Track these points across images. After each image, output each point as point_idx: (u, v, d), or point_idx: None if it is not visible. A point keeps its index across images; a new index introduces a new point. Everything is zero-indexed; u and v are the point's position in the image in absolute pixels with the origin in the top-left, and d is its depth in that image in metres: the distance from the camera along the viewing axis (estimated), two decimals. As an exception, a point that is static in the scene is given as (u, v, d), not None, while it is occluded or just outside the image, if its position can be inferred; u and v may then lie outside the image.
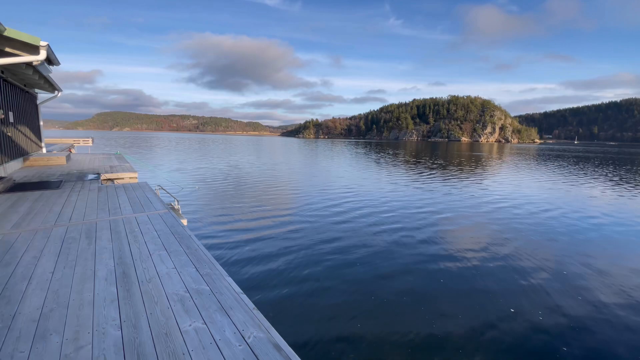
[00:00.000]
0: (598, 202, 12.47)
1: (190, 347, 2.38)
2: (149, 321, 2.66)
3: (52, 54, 7.86)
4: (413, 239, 7.54)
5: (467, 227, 8.85)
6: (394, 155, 41.32)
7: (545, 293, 5.10)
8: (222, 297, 3.07)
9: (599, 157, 45.37)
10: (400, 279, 5.54)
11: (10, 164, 9.10)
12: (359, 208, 10.59)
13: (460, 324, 4.21)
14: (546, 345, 3.84)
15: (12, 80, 9.92)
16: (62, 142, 20.14)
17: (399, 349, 3.71)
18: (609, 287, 5.37)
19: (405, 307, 4.54)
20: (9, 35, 6.46)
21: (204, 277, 3.41)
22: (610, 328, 4.20)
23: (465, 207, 11.25)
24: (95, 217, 4.72)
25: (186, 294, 3.10)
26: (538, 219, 9.56)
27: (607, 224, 9.25)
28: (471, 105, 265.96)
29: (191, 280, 3.28)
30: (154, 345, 2.40)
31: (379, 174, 20.57)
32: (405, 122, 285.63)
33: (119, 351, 2.31)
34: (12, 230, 4.09)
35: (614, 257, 6.72)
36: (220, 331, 2.57)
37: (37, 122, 13.82)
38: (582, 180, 18.95)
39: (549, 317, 4.43)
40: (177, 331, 2.55)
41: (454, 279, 5.52)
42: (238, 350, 2.35)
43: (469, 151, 59.32)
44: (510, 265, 6.18)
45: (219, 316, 2.77)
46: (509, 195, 13.51)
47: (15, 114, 10.28)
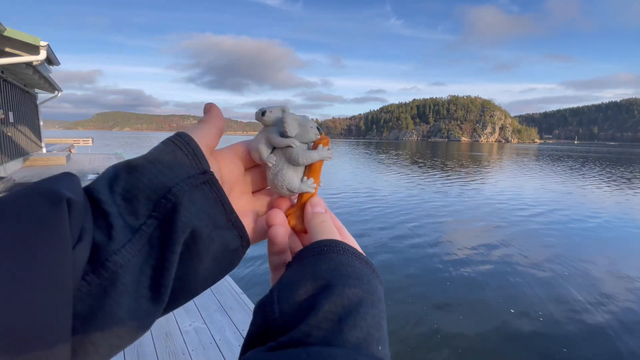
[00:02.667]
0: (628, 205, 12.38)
1: (190, 347, 2.38)
2: (149, 321, 2.66)
3: (52, 54, 7.87)
4: (429, 242, 7.55)
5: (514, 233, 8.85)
6: (398, 155, 41.34)
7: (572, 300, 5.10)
8: (222, 297, 3.07)
9: (606, 158, 45.30)
10: (402, 278, 5.54)
11: (10, 164, 9.11)
12: (367, 210, 10.60)
13: (463, 324, 4.22)
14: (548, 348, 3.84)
15: (12, 80, 9.92)
16: (62, 142, 20.17)
17: (399, 349, 3.71)
18: (620, 288, 5.38)
19: (407, 307, 4.54)
20: (9, 35, 6.46)
21: (204, 277, 3.41)
22: (612, 329, 4.20)
23: (486, 212, 11.25)
24: (95, 217, 4.72)
25: (186, 294, 3.10)
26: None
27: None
28: (471, 105, 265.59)
29: (191, 280, 3.28)
30: (154, 345, 2.40)
31: (395, 176, 20.57)
32: (405, 122, 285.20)
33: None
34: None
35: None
36: (221, 331, 2.57)
37: (37, 122, 13.84)
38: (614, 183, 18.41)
39: (570, 321, 4.43)
40: (177, 331, 2.56)
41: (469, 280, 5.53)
42: (238, 351, 2.35)
43: (469, 151, 59.39)
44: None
45: (219, 316, 2.78)
46: (533, 200, 13.37)
47: (15, 114, 10.29)
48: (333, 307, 0.23)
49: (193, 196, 0.26)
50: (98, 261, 0.20)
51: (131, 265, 0.22)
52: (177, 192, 0.25)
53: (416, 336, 3.89)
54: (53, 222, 0.18)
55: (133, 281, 0.21)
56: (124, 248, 0.21)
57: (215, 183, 0.28)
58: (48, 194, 0.19)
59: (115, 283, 0.20)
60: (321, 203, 0.34)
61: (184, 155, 0.27)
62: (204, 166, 0.28)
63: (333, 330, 0.22)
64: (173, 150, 0.27)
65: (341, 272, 0.26)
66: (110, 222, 0.22)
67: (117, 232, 0.22)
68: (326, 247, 0.28)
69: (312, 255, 0.28)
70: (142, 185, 0.24)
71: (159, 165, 0.26)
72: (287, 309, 0.24)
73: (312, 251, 0.28)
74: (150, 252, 0.23)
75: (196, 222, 0.25)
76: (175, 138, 0.28)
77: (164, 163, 0.26)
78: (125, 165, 0.26)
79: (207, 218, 0.26)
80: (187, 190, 0.25)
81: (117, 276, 0.21)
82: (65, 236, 0.19)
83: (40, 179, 0.18)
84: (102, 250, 0.21)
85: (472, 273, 5.72)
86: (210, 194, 0.27)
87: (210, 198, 0.27)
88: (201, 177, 0.27)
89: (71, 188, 0.21)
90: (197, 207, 0.26)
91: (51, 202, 0.19)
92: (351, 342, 0.22)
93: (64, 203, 0.19)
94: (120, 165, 0.26)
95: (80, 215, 0.21)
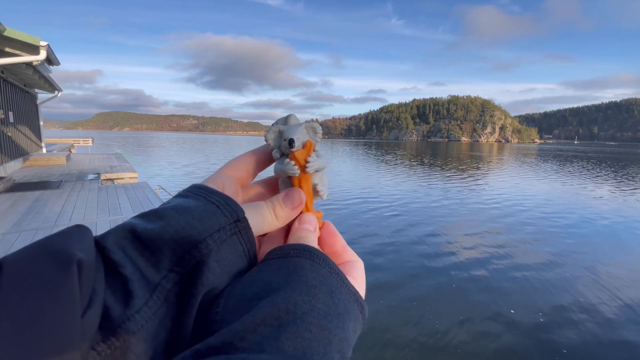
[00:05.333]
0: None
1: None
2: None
3: (52, 54, 7.86)
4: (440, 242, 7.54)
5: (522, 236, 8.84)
6: (403, 156, 41.30)
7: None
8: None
9: (613, 158, 45.20)
10: (406, 279, 5.54)
11: (10, 164, 9.11)
12: (375, 210, 10.59)
13: (466, 325, 4.21)
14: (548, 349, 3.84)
15: (12, 80, 9.93)
16: (62, 142, 20.16)
17: (399, 349, 3.71)
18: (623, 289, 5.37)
19: (408, 306, 4.54)
20: (9, 35, 6.46)
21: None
22: (614, 330, 4.20)
23: (494, 215, 11.25)
24: (96, 217, 4.72)
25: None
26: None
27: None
28: (471, 105, 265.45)
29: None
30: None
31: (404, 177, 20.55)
32: (405, 122, 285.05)
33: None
34: (12, 230, 4.09)
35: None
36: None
37: (37, 122, 13.84)
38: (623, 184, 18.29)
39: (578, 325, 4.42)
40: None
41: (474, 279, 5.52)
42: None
43: (469, 151, 59.37)
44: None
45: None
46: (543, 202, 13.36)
47: (15, 114, 10.29)
48: (275, 311, 0.21)
49: (220, 254, 0.24)
50: (110, 328, 0.19)
51: (145, 332, 0.20)
52: (204, 249, 0.23)
53: (416, 336, 3.89)
54: (62, 288, 0.17)
55: (146, 349, 0.20)
56: (138, 313, 0.20)
57: (247, 231, 0.27)
58: (58, 256, 0.18)
59: (126, 353, 0.19)
60: (312, 222, 0.31)
61: (215, 207, 0.26)
62: (238, 214, 0.26)
63: (269, 337, 0.20)
64: (204, 203, 0.26)
65: (299, 277, 0.23)
66: (126, 284, 0.21)
67: (133, 291, 0.21)
68: (293, 251, 0.26)
69: (274, 257, 0.26)
70: (169, 237, 0.23)
71: (189, 217, 0.24)
72: (231, 306, 0.22)
73: (276, 254, 0.27)
74: (167, 313, 0.22)
75: (218, 283, 0.24)
76: (204, 189, 0.27)
77: (194, 215, 0.25)
78: (153, 212, 0.25)
79: (229, 277, 0.25)
80: (213, 248, 0.24)
81: (129, 345, 0.19)
82: (75, 302, 0.17)
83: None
84: (114, 316, 0.19)
85: (472, 273, 5.72)
86: (239, 245, 0.26)
87: (238, 251, 0.26)
88: (233, 226, 0.26)
89: (82, 244, 0.20)
90: (222, 267, 0.24)
91: (60, 266, 0.18)
92: (286, 352, 0.19)
93: (74, 266, 0.18)
94: (145, 213, 0.25)
95: (91, 277, 0.20)
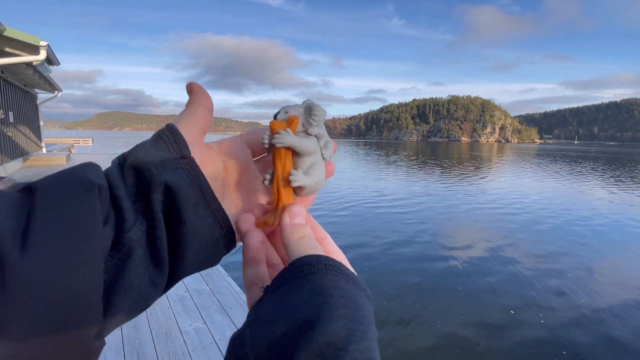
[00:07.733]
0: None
1: (190, 347, 2.38)
2: (149, 321, 2.66)
3: (52, 54, 7.86)
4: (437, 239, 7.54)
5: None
6: (407, 156, 41.28)
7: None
8: (222, 297, 3.07)
9: (616, 159, 45.18)
10: (405, 276, 5.54)
11: (10, 164, 9.11)
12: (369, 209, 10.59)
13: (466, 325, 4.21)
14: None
15: (12, 80, 9.92)
16: (62, 142, 20.15)
17: (398, 350, 3.71)
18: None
19: (408, 306, 4.54)
20: (9, 35, 6.47)
21: (204, 276, 3.41)
22: (614, 330, 4.20)
23: (499, 215, 11.25)
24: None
25: (186, 293, 3.10)
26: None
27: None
28: (471, 105, 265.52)
29: (191, 280, 3.28)
30: (154, 345, 2.40)
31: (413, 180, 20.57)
32: (405, 122, 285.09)
33: (119, 351, 2.31)
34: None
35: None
36: (220, 331, 2.57)
37: (37, 122, 13.84)
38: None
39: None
40: (177, 331, 2.56)
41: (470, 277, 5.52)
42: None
43: (470, 151, 59.33)
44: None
45: (219, 316, 2.78)
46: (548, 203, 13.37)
47: (15, 114, 10.29)
48: (315, 349, 0.20)
49: (162, 177, 0.26)
50: (117, 239, 0.24)
51: (142, 241, 0.25)
52: (147, 173, 0.26)
53: (416, 337, 3.89)
54: (90, 206, 0.22)
55: (143, 255, 0.25)
56: (133, 227, 0.25)
57: (194, 168, 0.28)
58: (84, 181, 0.23)
59: (131, 256, 0.24)
60: (301, 212, 0.30)
61: (164, 143, 0.28)
62: (183, 152, 0.28)
63: None
64: (156, 140, 0.28)
65: (326, 300, 0.22)
66: (121, 205, 0.25)
67: (127, 214, 0.25)
68: (306, 268, 0.24)
69: (289, 281, 0.24)
70: (127, 165, 0.26)
71: (141, 150, 0.27)
72: (262, 353, 0.21)
73: (289, 275, 0.25)
74: (148, 229, 0.26)
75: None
76: (161, 130, 0.29)
77: (145, 147, 0.28)
78: (128, 152, 0.27)
79: (182, 203, 0.27)
80: (155, 174, 0.26)
81: (132, 250, 0.24)
82: (98, 215, 0.23)
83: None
84: (119, 229, 0.24)
85: (472, 273, 5.72)
86: (185, 177, 0.27)
87: (185, 182, 0.27)
88: (177, 161, 0.27)
89: (97, 175, 0.25)
90: (169, 189, 0.26)
91: (87, 188, 0.23)
92: None
93: (96, 189, 0.23)
94: (125, 153, 0.28)
95: (107, 199, 0.24)
